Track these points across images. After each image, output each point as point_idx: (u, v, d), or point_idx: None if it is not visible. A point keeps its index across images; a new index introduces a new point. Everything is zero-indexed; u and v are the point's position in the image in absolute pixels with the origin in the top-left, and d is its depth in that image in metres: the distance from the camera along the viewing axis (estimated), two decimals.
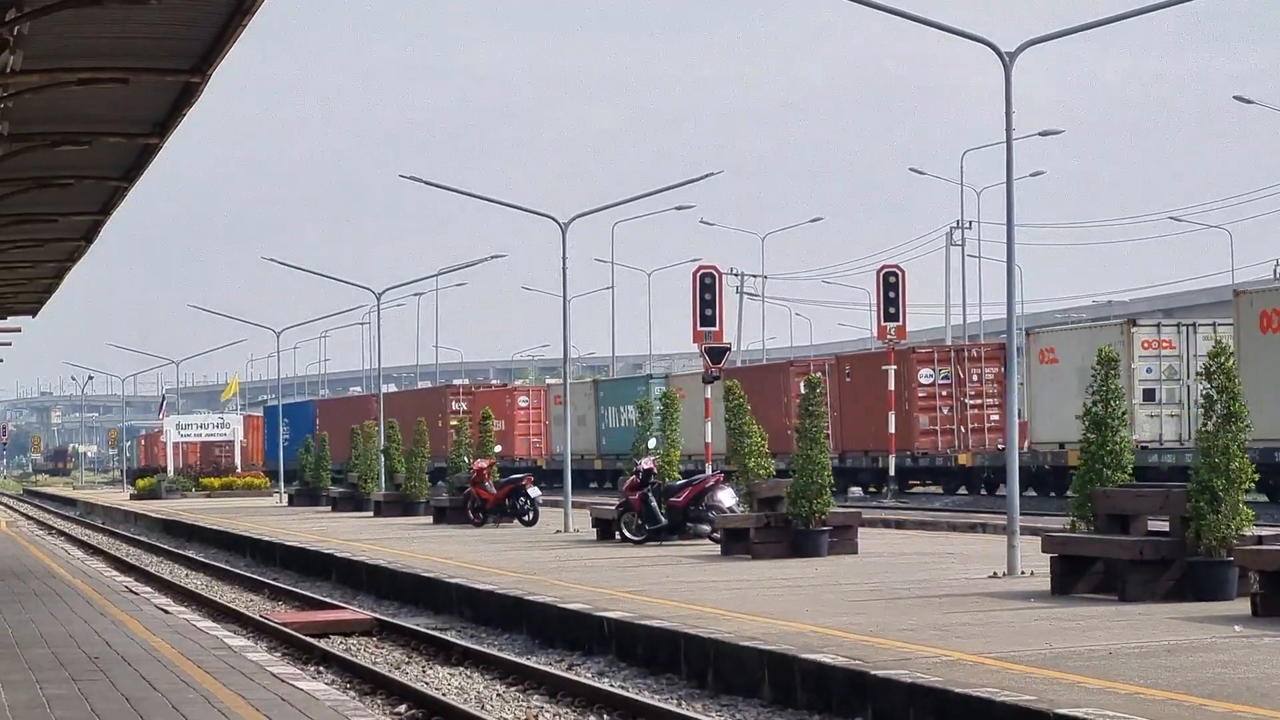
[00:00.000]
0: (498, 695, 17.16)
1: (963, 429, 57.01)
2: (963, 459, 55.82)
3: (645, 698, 16.10)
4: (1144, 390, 48.25)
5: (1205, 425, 18.93)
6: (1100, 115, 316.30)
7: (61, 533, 54.45)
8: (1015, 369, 24.69)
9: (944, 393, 56.81)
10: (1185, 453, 44.07)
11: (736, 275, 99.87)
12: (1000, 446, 53.41)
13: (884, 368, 55.13)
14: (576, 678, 17.44)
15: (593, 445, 74.03)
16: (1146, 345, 48.74)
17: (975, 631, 16.78)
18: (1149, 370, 48.48)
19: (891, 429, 55.18)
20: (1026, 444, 51.78)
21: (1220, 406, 18.88)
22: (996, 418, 55.43)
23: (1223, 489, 18.58)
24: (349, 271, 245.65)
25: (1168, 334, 49.10)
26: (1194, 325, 49.23)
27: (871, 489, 59.06)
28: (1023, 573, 22.37)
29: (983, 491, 55.54)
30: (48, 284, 37.95)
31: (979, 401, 56.97)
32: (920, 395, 57.08)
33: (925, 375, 57.04)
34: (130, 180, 25.14)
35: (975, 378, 57.11)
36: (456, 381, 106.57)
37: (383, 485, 52.94)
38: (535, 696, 16.98)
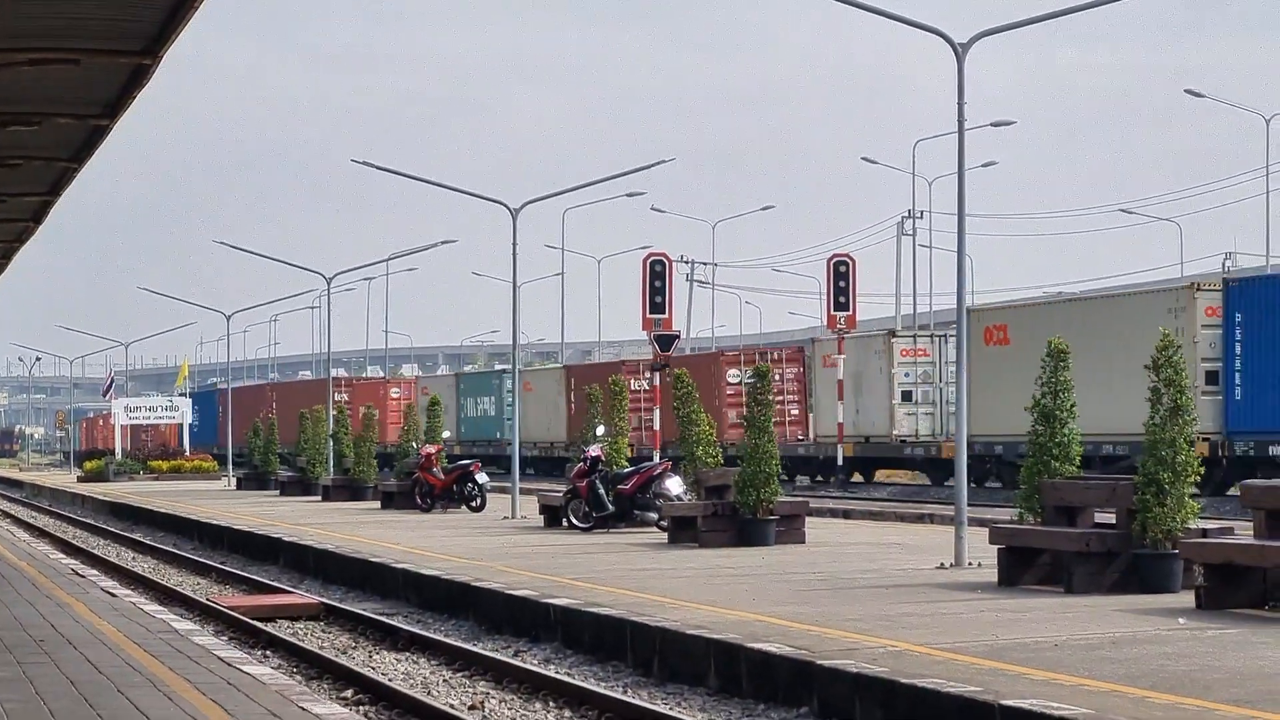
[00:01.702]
0: (444, 681, 17.15)
1: None
2: None
3: (591, 685, 16.10)
4: (903, 392, 55.19)
5: (1152, 418, 18.98)
6: (1053, 107, 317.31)
7: (6, 514, 54.21)
8: (965, 356, 24.63)
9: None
10: (933, 445, 53.05)
11: (687, 263, 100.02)
12: (800, 438, 59.84)
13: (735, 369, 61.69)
14: (522, 664, 17.44)
15: (454, 433, 79.64)
16: (905, 353, 55.37)
17: (922, 622, 16.83)
18: (907, 375, 54.96)
19: (840, 418, 56.26)
20: (812, 436, 58.72)
21: (1167, 399, 18.94)
22: (796, 413, 59.98)
23: (1169, 482, 18.66)
24: (300, 255, 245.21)
25: (923, 343, 55.44)
26: (945, 336, 54.92)
27: None
28: (970, 564, 22.44)
29: (782, 477, 58.31)
30: None
31: (780, 399, 60.05)
32: (729, 393, 61.61)
33: (733, 375, 62.08)
34: (80, 161, 24.97)
35: (777, 377, 60.30)
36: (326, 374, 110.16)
37: (331, 470, 52.90)
38: (481, 682, 16.97)
